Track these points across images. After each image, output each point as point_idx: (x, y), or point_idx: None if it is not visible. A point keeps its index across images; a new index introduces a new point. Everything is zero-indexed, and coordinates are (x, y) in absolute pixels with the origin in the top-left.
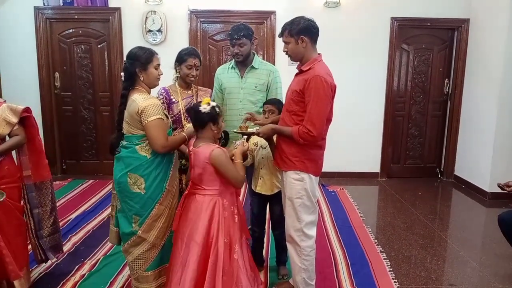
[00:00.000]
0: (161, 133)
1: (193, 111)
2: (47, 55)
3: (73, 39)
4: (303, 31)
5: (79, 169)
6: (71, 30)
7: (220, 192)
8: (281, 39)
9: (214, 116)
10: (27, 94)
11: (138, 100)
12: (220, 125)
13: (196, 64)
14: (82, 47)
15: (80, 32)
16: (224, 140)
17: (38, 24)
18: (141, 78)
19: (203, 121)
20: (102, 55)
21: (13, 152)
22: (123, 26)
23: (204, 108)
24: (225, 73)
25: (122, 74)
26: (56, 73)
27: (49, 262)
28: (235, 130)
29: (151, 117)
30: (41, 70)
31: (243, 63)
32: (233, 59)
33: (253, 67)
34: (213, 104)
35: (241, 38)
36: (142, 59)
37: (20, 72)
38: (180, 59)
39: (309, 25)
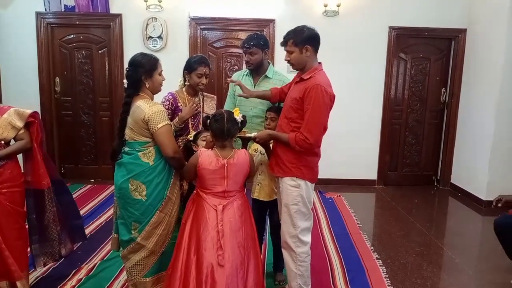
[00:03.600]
0: (172, 139)
1: (229, 121)
2: (47, 60)
3: (74, 44)
4: (307, 41)
5: (78, 174)
6: (72, 36)
7: None
8: (281, 46)
9: (242, 127)
10: (27, 98)
11: (143, 107)
12: None
13: (206, 73)
14: (83, 52)
15: (81, 37)
16: (241, 126)
17: (39, 29)
18: (147, 85)
19: (236, 131)
20: (102, 60)
21: (20, 157)
22: (124, 32)
23: (240, 118)
24: (240, 80)
25: (125, 81)
26: (57, 78)
27: (46, 266)
28: None
29: (160, 124)
30: (41, 75)
31: (257, 72)
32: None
33: (266, 76)
34: (241, 115)
35: (252, 47)
36: (147, 66)
37: (20, 76)
38: (190, 68)
39: (312, 34)
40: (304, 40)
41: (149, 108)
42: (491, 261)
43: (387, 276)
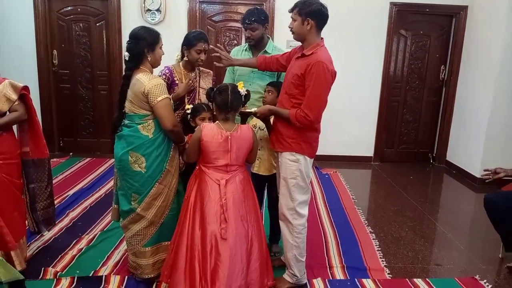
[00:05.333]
0: (171, 112)
1: (233, 93)
2: (45, 32)
3: (72, 16)
4: (311, 14)
5: (77, 147)
6: (69, 8)
7: None
8: (285, 17)
9: (246, 101)
10: (25, 71)
11: (143, 80)
12: None
13: (205, 49)
14: (81, 25)
15: (79, 10)
16: (245, 100)
17: (36, 1)
18: (149, 59)
19: (239, 104)
20: (100, 33)
21: (15, 129)
22: (122, 5)
23: (243, 91)
24: (239, 55)
25: (126, 54)
26: (54, 50)
27: (47, 236)
28: None
29: (159, 97)
30: (39, 48)
31: (256, 47)
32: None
33: (266, 51)
34: (245, 89)
35: (253, 23)
36: (150, 40)
37: (18, 50)
38: (189, 43)
39: (319, 11)
40: (308, 13)
41: (149, 81)
42: (481, 236)
43: (379, 249)
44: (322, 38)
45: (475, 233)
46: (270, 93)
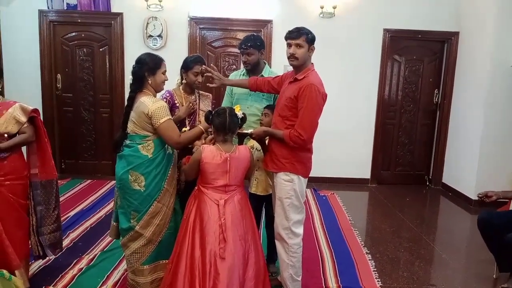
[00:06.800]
0: (173, 132)
1: (230, 116)
2: (49, 57)
3: (76, 42)
4: (313, 41)
5: (78, 169)
6: (73, 34)
7: None
8: (286, 39)
9: (243, 123)
10: (29, 94)
11: (147, 102)
12: None
13: (202, 71)
14: (84, 50)
15: (83, 35)
16: (241, 122)
17: (42, 27)
18: (149, 82)
19: (236, 126)
20: (103, 58)
21: (24, 151)
22: (125, 31)
23: (240, 114)
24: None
25: (131, 77)
26: (58, 74)
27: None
28: None
29: (162, 119)
30: (43, 71)
31: (253, 71)
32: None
33: (262, 76)
34: (242, 111)
35: (249, 48)
36: (151, 64)
37: (23, 73)
38: (187, 67)
39: (314, 37)
40: (312, 40)
41: (152, 104)
42: (476, 257)
43: (375, 269)
44: (312, 63)
45: (470, 253)
46: (266, 116)
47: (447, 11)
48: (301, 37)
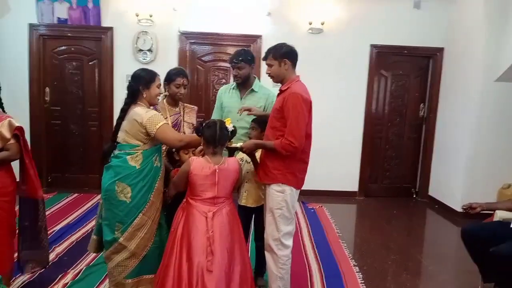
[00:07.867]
0: (173, 132)
1: (220, 129)
2: (38, 70)
3: (65, 55)
4: (285, 55)
5: (65, 183)
6: (63, 47)
7: None
8: (263, 61)
9: (232, 136)
10: (17, 107)
11: (140, 112)
12: None
13: (184, 83)
14: (74, 63)
15: (73, 49)
16: (231, 135)
17: (32, 40)
18: (144, 95)
19: (226, 139)
20: (92, 72)
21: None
22: (115, 45)
23: (230, 127)
24: (227, 93)
25: (126, 92)
26: (47, 87)
27: (30, 274)
28: None
29: (158, 124)
30: (32, 84)
31: (244, 85)
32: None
33: (253, 90)
34: (232, 125)
35: (240, 62)
36: (147, 78)
37: (11, 85)
38: (169, 79)
39: (290, 50)
40: (282, 54)
41: (146, 114)
42: (462, 267)
43: (363, 281)
44: (298, 75)
45: (455, 265)
46: (253, 130)
47: (432, 28)
48: (268, 56)
